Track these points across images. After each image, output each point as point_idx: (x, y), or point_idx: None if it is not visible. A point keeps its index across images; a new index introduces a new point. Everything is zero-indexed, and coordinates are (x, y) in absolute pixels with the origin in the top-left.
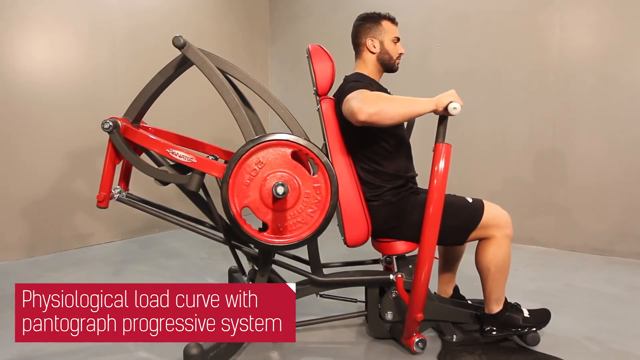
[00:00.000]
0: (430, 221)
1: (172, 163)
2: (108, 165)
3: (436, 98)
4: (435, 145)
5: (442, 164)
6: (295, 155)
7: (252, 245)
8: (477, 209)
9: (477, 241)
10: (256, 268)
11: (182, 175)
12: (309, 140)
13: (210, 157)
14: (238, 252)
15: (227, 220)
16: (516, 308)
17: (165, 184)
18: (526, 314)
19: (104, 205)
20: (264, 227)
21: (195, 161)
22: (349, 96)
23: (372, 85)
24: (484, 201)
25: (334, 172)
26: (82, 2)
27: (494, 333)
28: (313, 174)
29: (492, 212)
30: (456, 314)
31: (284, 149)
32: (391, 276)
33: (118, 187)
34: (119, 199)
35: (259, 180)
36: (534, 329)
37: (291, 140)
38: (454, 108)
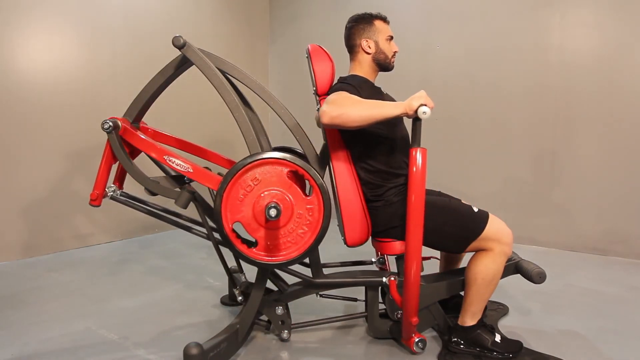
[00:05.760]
0: (412, 224)
1: (173, 173)
2: (104, 165)
3: (406, 101)
4: (409, 149)
5: (418, 168)
6: (292, 174)
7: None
8: (481, 219)
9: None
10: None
11: (172, 189)
12: (306, 161)
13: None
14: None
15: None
16: (489, 329)
17: (153, 194)
18: (497, 338)
19: (97, 204)
20: (254, 243)
21: (191, 171)
22: (326, 99)
23: (361, 87)
24: (489, 214)
25: (329, 195)
26: (82, 3)
27: (461, 347)
28: (308, 194)
29: (496, 226)
30: (448, 288)
31: (281, 168)
32: (384, 279)
33: (113, 185)
34: (112, 198)
35: (253, 197)
36: (500, 356)
37: (288, 159)
38: (424, 113)
